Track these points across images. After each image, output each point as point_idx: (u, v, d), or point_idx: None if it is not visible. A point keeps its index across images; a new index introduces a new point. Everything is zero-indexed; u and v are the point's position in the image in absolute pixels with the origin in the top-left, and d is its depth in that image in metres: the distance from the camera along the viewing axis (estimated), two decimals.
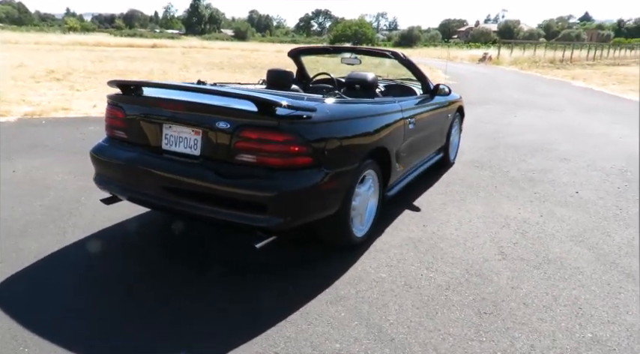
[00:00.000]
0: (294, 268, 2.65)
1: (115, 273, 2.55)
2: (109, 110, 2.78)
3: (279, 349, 1.97)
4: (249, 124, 2.28)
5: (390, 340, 2.04)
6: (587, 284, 2.56)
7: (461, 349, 1.99)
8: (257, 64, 20.39)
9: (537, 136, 6.79)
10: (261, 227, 2.31)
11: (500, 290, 2.48)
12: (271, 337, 2.04)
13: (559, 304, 2.35)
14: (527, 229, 3.32)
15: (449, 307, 2.31)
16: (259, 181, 2.27)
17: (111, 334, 2.02)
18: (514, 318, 2.22)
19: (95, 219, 3.24)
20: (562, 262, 2.83)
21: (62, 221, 3.18)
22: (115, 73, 13.02)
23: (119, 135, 2.74)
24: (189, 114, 2.45)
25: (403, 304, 2.33)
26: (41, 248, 2.77)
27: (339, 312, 2.24)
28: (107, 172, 2.77)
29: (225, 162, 2.36)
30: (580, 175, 4.74)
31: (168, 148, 2.54)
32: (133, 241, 2.99)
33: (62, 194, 3.71)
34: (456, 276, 2.62)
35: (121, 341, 1.98)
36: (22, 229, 3.04)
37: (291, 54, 4.36)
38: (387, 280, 2.56)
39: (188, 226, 3.19)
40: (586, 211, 3.71)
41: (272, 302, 2.31)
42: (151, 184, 2.56)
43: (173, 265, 2.66)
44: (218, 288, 2.42)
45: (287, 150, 2.26)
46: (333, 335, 2.07)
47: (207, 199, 2.37)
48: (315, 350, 1.96)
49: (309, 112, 2.34)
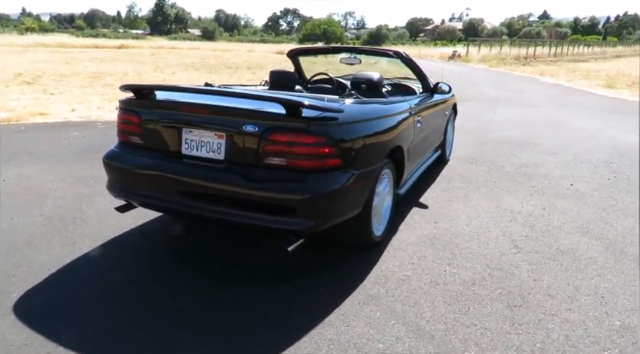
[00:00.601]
0: (318, 271, 2.63)
1: (133, 283, 2.47)
2: (123, 115, 2.69)
3: (324, 351, 1.96)
4: (278, 126, 2.26)
5: (430, 338, 2.06)
6: (603, 273, 2.66)
7: (500, 342, 2.03)
8: (231, 64, 20.14)
9: (521, 131, 6.99)
10: (292, 231, 2.29)
11: (524, 283, 2.54)
12: (313, 340, 2.03)
13: (582, 294, 2.43)
14: (533, 222, 3.42)
15: (479, 302, 2.35)
16: (290, 184, 2.25)
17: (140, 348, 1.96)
18: (543, 309, 2.29)
19: (102, 228, 3.13)
20: (574, 253, 2.92)
21: (68, 231, 3.06)
22: (88, 76, 12.60)
23: (134, 141, 2.65)
24: (213, 117, 2.40)
25: (434, 301, 2.36)
26: (52, 260, 2.66)
27: (374, 312, 2.25)
28: (122, 179, 2.68)
29: (253, 166, 2.32)
30: (570, 168, 4.91)
31: (189, 152, 2.48)
32: (146, 250, 2.90)
33: (61, 203, 3.56)
34: (478, 271, 2.67)
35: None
36: (28, 240, 2.91)
37: (290, 54, 4.33)
38: (413, 278, 2.58)
39: (200, 231, 3.13)
40: (584, 203, 3.84)
41: (305, 305, 2.30)
42: (171, 190, 2.50)
43: (193, 271, 2.60)
44: (244, 293, 2.38)
45: (318, 152, 2.25)
46: (374, 335, 2.07)
47: (235, 204, 2.33)
48: (360, 351, 1.96)
49: (337, 113, 2.34)
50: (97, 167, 4.50)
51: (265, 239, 3.01)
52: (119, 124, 2.74)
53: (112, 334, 2.04)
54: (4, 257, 2.69)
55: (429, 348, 1.99)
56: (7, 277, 2.47)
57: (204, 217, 2.46)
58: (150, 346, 1.97)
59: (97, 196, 3.73)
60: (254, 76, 14.52)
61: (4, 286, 2.38)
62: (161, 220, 3.30)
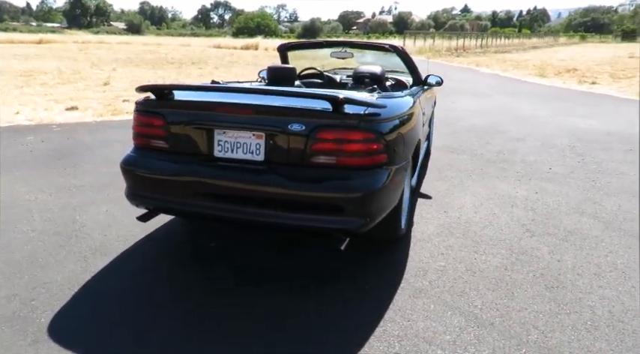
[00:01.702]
0: (353, 269, 2.62)
1: (165, 295, 2.33)
2: (142, 118, 2.50)
3: (398, 348, 1.95)
4: (326, 124, 2.20)
5: (490, 325, 2.12)
6: (614, 250, 2.88)
7: (555, 323, 2.13)
8: (171, 59, 19.34)
9: (483, 119, 7.34)
10: (343, 230, 2.25)
11: (550, 265, 2.69)
12: (382, 338, 2.02)
13: (605, 271, 2.61)
14: (533, 206, 3.62)
15: (519, 286, 2.45)
16: (341, 183, 2.20)
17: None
18: (578, 288, 2.43)
19: (109, 240, 2.90)
20: (581, 232, 3.13)
21: (72, 246, 2.81)
22: (20, 74, 11.53)
23: (157, 144, 2.47)
24: (252, 117, 2.29)
25: (478, 288, 2.43)
26: (70, 279, 2.43)
27: (428, 304, 2.28)
28: (144, 185, 2.49)
29: (299, 165, 2.25)
30: (542, 153, 5.24)
31: (222, 155, 2.35)
32: (165, 259, 2.73)
33: (49, 216, 3.25)
34: (505, 256, 2.78)
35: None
36: (30, 259, 2.63)
37: (281, 49, 4.22)
38: (449, 268, 2.64)
39: (214, 236, 3.00)
40: (568, 185, 4.12)
41: (358, 303, 2.28)
42: (205, 194, 2.37)
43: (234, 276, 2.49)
44: (288, 297, 2.32)
45: (367, 149, 2.22)
46: (438, 328, 2.10)
47: (281, 206, 2.25)
48: (432, 345, 1.98)
49: (382, 109, 2.32)
50: (74, 174, 4.16)
51: (283, 243, 2.95)
52: (137, 127, 2.54)
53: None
54: (13, 280, 2.41)
55: (494, 335, 2.05)
56: (26, 302, 2.22)
57: (243, 220, 2.35)
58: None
59: (87, 206, 3.44)
60: (203, 72, 14.07)
61: (27, 312, 2.14)
62: (168, 229, 3.11)
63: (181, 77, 12.22)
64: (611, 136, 6.11)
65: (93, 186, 3.89)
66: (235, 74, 13.54)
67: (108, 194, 3.71)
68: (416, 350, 1.95)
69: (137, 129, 2.55)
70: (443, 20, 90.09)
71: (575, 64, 19.53)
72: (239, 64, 17.61)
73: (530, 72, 16.44)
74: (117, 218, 3.24)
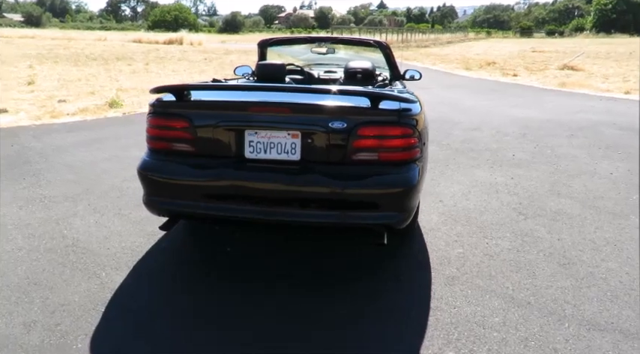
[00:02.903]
0: (380, 262, 2.66)
1: (194, 305, 2.22)
2: (162, 121, 2.33)
3: (457, 335, 2.03)
4: (367, 121, 2.20)
5: (528, 304, 2.27)
6: (599, 226, 3.18)
7: (582, 297, 2.32)
8: (90, 54, 17.99)
9: (433, 111, 7.63)
10: (385, 225, 2.28)
11: (554, 243, 2.92)
12: (438, 326, 2.08)
13: (601, 246, 2.89)
14: (514, 190, 3.89)
15: (536, 266, 2.64)
16: (384, 178, 2.22)
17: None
18: (586, 263, 2.67)
19: (114, 253, 2.69)
20: (565, 212, 3.42)
21: (76, 263, 2.56)
22: None
23: (180, 148, 2.32)
24: (288, 116, 2.23)
25: (502, 271, 2.58)
26: (90, 298, 2.22)
27: (464, 290, 2.38)
28: (168, 192, 2.33)
29: (339, 163, 2.23)
30: (500, 141, 5.62)
31: (255, 156, 2.26)
32: (180, 268, 2.59)
33: (31, 231, 2.93)
34: (511, 239, 2.97)
35: None
36: (32, 280, 2.36)
37: (261, 45, 4.10)
38: (468, 254, 2.77)
39: (226, 239, 2.88)
40: (536, 170, 4.47)
41: (401, 295, 2.33)
42: (238, 198, 2.27)
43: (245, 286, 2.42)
44: (328, 296, 2.32)
45: (406, 144, 2.25)
46: (483, 312, 2.20)
47: (322, 204, 2.23)
48: (485, 328, 2.08)
49: (414, 104, 2.36)
50: (38, 184, 3.79)
51: (300, 244, 2.92)
52: (154, 130, 2.36)
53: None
54: (22, 305, 2.15)
55: (535, 313, 2.19)
56: (51, 328, 2.00)
57: (283, 222, 2.28)
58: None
59: (71, 219, 3.15)
60: (135, 68, 13.27)
61: (57, 339, 1.93)
62: (173, 237, 2.94)
63: (114, 74, 11.42)
64: (550, 123, 6.70)
65: (67, 196, 3.54)
66: (174, 71, 12.92)
67: (89, 204, 3.41)
68: (474, 334, 2.03)
69: (154, 132, 2.37)
70: (362, 15, 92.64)
71: (491, 57, 21.01)
72: (169, 60, 16.79)
73: (457, 65, 17.45)
74: (111, 229, 3.00)
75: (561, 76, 12.77)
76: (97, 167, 4.28)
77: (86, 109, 7.05)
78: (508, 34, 76.78)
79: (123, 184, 3.84)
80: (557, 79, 12.26)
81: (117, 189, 3.74)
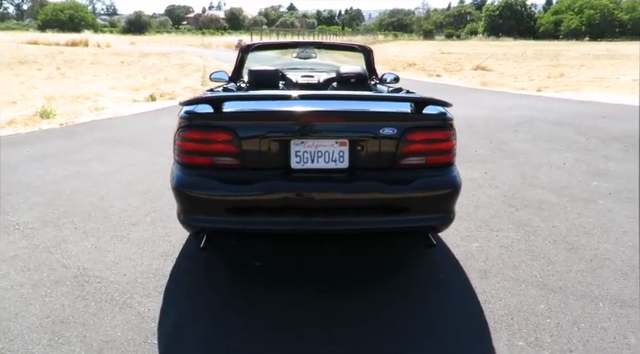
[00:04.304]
0: (406, 265, 2.73)
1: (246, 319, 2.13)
2: (200, 134, 2.18)
3: (517, 326, 2.14)
4: (415, 126, 2.24)
5: (560, 289, 2.45)
6: (581, 212, 3.53)
7: (601, 278, 2.56)
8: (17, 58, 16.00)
9: None
10: (433, 227, 2.34)
11: (552, 231, 3.18)
12: (499, 320, 2.18)
13: (591, 229, 3.20)
14: (493, 184, 4.17)
15: (549, 252, 2.86)
16: (433, 181, 2.28)
17: None
18: (587, 246, 2.94)
19: (133, 280, 2.47)
20: (546, 201, 3.74)
21: (96, 294, 2.31)
22: None
23: (222, 162, 2.18)
24: (337, 124, 2.20)
25: (523, 260, 2.76)
26: (135, 331, 2.03)
27: (501, 282, 2.52)
28: (211, 208, 2.18)
29: (388, 169, 2.25)
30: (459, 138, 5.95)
31: (301, 166, 2.20)
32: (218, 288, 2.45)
33: (22, 264, 2.59)
34: (515, 230, 3.19)
35: None
36: (61, 319, 2.10)
37: (244, 50, 3.95)
38: (485, 248, 2.93)
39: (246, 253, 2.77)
40: (501, 164, 4.83)
41: (447, 291, 2.42)
42: (291, 210, 2.19)
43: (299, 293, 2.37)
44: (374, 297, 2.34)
45: (449, 147, 2.34)
46: (527, 300, 2.34)
47: (376, 211, 2.24)
48: (537, 316, 2.21)
49: (449, 107, 2.44)
50: (3, 210, 3.33)
51: (326, 251, 2.90)
52: (190, 144, 2.19)
53: None
54: (60, 348, 1.90)
55: (570, 297, 2.38)
56: None
57: (339, 231, 2.25)
58: None
59: (62, 245, 2.84)
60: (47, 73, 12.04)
61: None
62: (191, 256, 2.76)
63: (26, 81, 10.28)
64: (492, 120, 7.26)
65: (44, 221, 3.16)
66: (96, 75, 11.93)
67: (75, 228, 3.07)
68: (531, 322, 2.16)
69: (190, 146, 2.20)
70: (273, 17, 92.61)
71: (408, 59, 22.22)
72: (82, 64, 15.48)
73: (384, 67, 18.11)
74: (117, 254, 2.73)
75: (479, 76, 13.87)
76: (63, 186, 3.85)
77: (14, 120, 6.28)
78: (412, 36, 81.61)
79: (103, 204, 3.50)
80: (476, 78, 13.31)
81: (99, 209, 3.40)
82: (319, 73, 4.48)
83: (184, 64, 16.87)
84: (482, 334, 2.08)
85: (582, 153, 5.26)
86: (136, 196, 3.69)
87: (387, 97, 2.35)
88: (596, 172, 4.55)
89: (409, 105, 2.29)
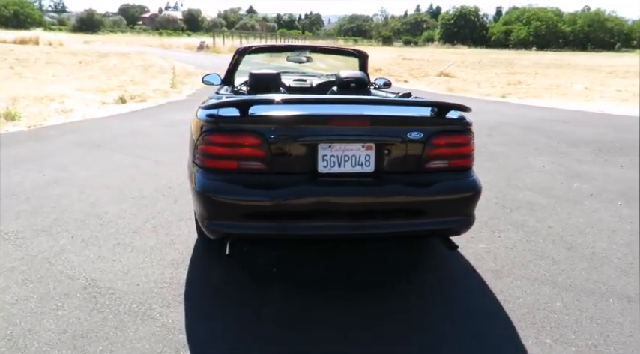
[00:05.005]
0: (418, 267, 2.78)
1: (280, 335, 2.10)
2: (228, 138, 2.13)
3: (540, 323, 2.21)
4: (440, 130, 2.28)
5: (570, 287, 2.55)
6: (571, 212, 3.69)
7: (604, 275, 2.68)
8: None
9: None
10: (455, 229, 2.38)
11: (548, 231, 3.30)
12: (522, 318, 2.24)
13: (584, 229, 3.35)
14: (483, 186, 4.29)
15: (551, 251, 2.97)
16: (456, 184, 2.33)
17: None
18: (584, 245, 3.08)
19: (148, 289, 2.37)
20: (536, 203, 3.89)
21: (112, 306, 2.20)
22: None
23: (250, 166, 2.14)
24: (365, 128, 2.20)
25: (531, 260, 2.85)
26: (163, 343, 1.96)
27: (514, 282, 2.59)
28: (238, 214, 2.12)
29: (412, 172, 2.27)
30: None
31: (328, 170, 2.19)
32: (241, 295, 2.38)
33: (25, 276, 2.43)
34: (515, 231, 3.29)
35: None
36: (81, 333, 1.99)
37: (241, 52, 3.86)
38: (493, 249, 3.00)
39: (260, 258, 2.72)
40: (485, 167, 4.93)
41: (467, 292, 2.48)
42: (320, 214, 2.17)
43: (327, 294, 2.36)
44: (393, 297, 2.37)
45: (469, 151, 2.39)
46: (543, 299, 2.42)
47: (402, 214, 2.25)
48: (556, 313, 2.29)
49: (469, 112, 2.50)
50: None
51: (342, 255, 2.89)
52: (216, 148, 2.13)
53: None
54: None
55: (581, 294, 2.48)
56: None
57: (367, 235, 2.25)
58: None
59: (62, 255, 2.68)
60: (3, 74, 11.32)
61: None
62: (201, 264, 2.68)
63: None
64: None
65: (36, 230, 2.97)
66: (55, 75, 11.31)
67: (72, 237, 2.90)
68: (552, 320, 2.23)
69: (217, 150, 2.14)
70: (233, 20, 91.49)
71: (373, 64, 22.47)
72: (36, 64, 14.67)
73: None
74: (124, 263, 2.61)
75: (444, 82, 14.30)
76: (47, 193, 3.63)
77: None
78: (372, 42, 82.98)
79: (96, 210, 3.33)
80: (442, 84, 13.71)
81: (93, 216, 3.23)
82: (311, 76, 4.47)
83: (148, 66, 16.35)
84: (510, 334, 2.13)
85: (556, 157, 5.53)
86: (128, 201, 3.53)
87: (414, 101, 2.38)
88: (574, 174, 4.79)
89: (430, 110, 2.33)
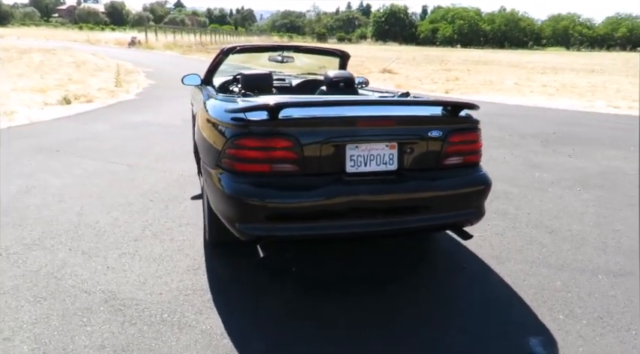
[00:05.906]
0: (425, 259, 2.94)
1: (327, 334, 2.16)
2: (259, 141, 2.13)
3: (552, 303, 2.42)
4: (456, 128, 2.42)
5: (562, 267, 2.81)
6: (542, 199, 4.02)
7: (589, 254, 2.96)
8: None
9: None
10: (469, 221, 2.53)
11: (528, 218, 3.58)
12: (534, 299, 2.44)
13: (559, 213, 3.67)
14: None
15: (537, 237, 3.23)
16: (471, 178, 2.49)
17: None
18: (563, 229, 3.38)
19: (176, 297, 2.31)
20: (509, 192, 4.19)
21: (148, 317, 2.12)
22: None
23: (282, 169, 2.16)
24: (389, 128, 2.29)
25: (522, 244, 3.09)
26: (212, 350, 1.90)
27: (515, 265, 2.80)
28: (272, 216, 2.13)
29: (432, 169, 2.40)
30: None
31: (355, 170, 2.27)
32: (270, 298, 2.39)
33: (35, 294, 2.28)
34: (500, 219, 3.53)
35: None
36: (122, 347, 1.90)
37: (225, 52, 3.77)
38: (487, 236, 3.21)
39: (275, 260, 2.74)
40: None
41: (480, 280, 2.65)
42: (351, 212, 2.23)
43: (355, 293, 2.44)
44: (408, 291, 2.50)
45: (479, 147, 2.56)
46: (545, 279, 2.64)
47: (422, 209, 2.39)
48: (560, 291, 2.52)
49: (476, 110, 2.66)
50: None
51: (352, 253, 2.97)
52: (247, 152, 2.12)
53: None
54: None
55: (575, 273, 2.73)
56: None
57: (396, 231, 2.34)
58: None
59: (68, 269, 2.54)
60: None
61: None
62: (219, 271, 2.64)
63: None
64: None
65: (27, 244, 2.77)
66: None
67: (70, 249, 2.74)
68: (560, 298, 2.45)
69: (248, 154, 2.13)
70: (160, 14, 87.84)
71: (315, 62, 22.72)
72: None
73: None
74: (138, 272, 2.52)
75: (389, 79, 14.75)
76: (24, 203, 3.37)
77: None
78: (306, 38, 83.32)
79: (85, 220, 3.14)
80: (388, 81, 14.14)
81: (84, 226, 3.05)
82: (288, 76, 4.49)
83: (80, 63, 15.31)
84: (528, 313, 2.32)
85: (513, 148, 5.96)
86: (117, 209, 3.36)
87: (432, 101, 2.50)
88: (532, 164, 5.21)
89: (441, 109, 2.46)
